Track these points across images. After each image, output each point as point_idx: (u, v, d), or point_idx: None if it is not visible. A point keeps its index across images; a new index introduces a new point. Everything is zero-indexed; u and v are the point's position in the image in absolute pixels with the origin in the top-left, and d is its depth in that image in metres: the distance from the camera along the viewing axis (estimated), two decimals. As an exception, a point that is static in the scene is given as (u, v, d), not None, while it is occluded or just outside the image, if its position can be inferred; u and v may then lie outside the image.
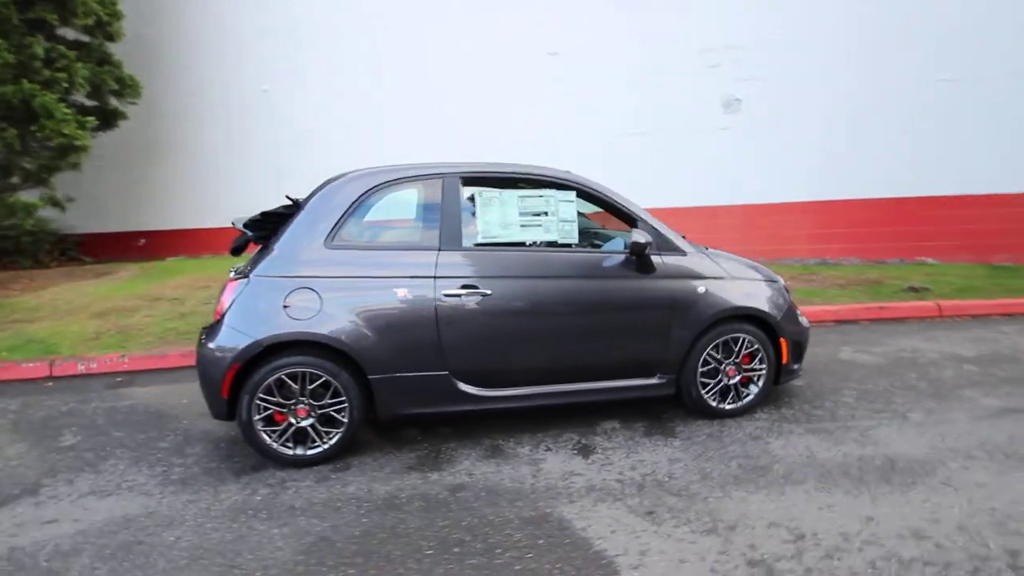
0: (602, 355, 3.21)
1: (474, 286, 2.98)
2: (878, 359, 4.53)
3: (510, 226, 3.11)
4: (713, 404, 3.38)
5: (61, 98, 6.42)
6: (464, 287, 2.97)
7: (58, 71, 6.35)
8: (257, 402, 2.83)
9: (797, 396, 3.77)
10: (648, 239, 3.08)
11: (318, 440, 2.93)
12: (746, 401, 3.44)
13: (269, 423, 2.88)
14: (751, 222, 7.81)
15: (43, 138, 6.22)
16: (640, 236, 3.06)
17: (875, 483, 2.70)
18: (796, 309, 3.64)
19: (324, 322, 2.82)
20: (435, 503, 2.61)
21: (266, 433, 2.87)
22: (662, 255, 3.26)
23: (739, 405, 3.42)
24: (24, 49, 6.38)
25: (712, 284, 3.33)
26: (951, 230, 7.49)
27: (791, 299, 3.64)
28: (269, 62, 8.66)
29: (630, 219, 3.27)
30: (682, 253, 3.33)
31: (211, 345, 2.85)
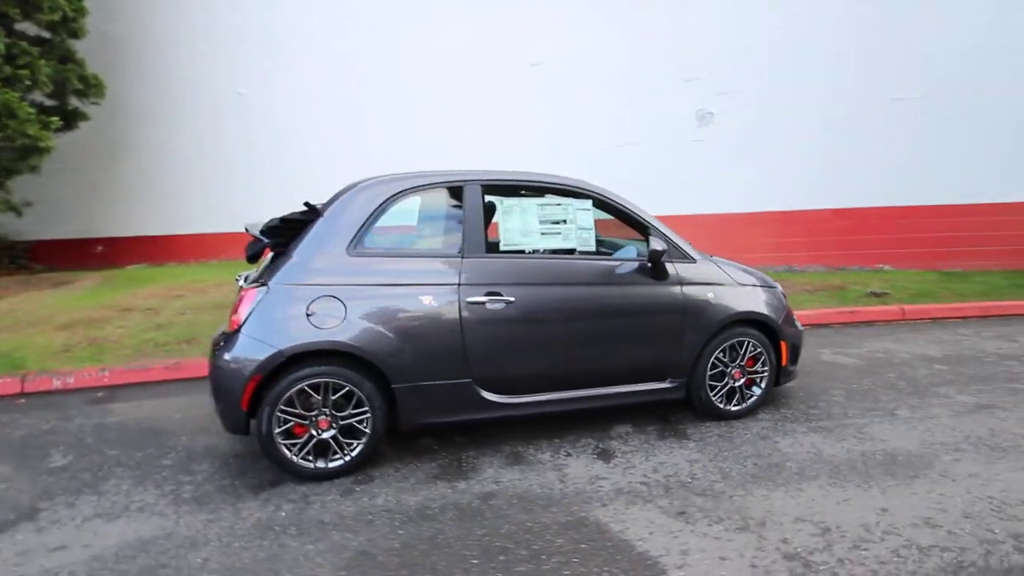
0: (619, 360, 3.28)
1: (498, 293, 2.99)
2: (856, 360, 4.80)
3: (531, 234, 3.14)
4: (720, 406, 3.51)
5: (22, 97, 6.00)
6: (488, 294, 2.98)
7: (20, 68, 5.94)
8: (278, 414, 2.74)
9: (792, 397, 3.95)
10: (665, 246, 3.18)
11: (339, 452, 2.86)
12: (750, 402, 3.58)
13: (288, 436, 2.79)
14: (723, 232, 8.11)
15: (4, 139, 5.80)
16: (657, 244, 3.16)
17: (881, 477, 2.87)
18: (792, 313, 3.83)
19: (349, 331, 2.77)
20: (469, 512, 2.59)
21: (286, 446, 2.78)
22: (674, 262, 3.36)
23: (744, 406, 3.56)
24: (-17, 45, 5.97)
25: (720, 290, 3.46)
26: (905, 239, 8.03)
27: (787, 304, 3.83)
28: (243, 63, 8.41)
29: (643, 227, 3.37)
30: (692, 260, 3.45)
31: (228, 356, 2.75)
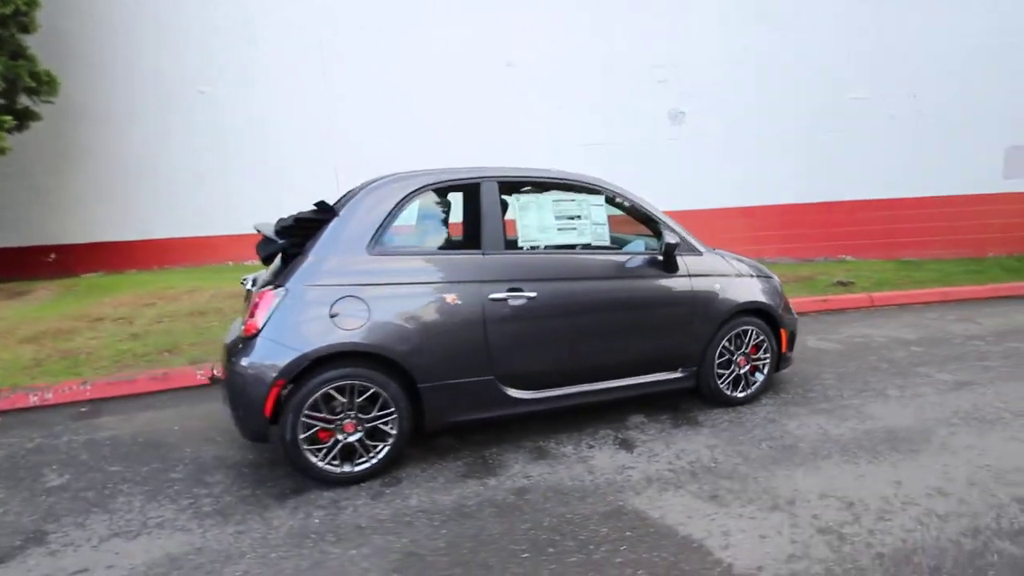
0: (635, 352, 3.34)
1: (519, 289, 3.00)
2: (839, 345, 5.05)
3: (548, 230, 3.16)
4: (728, 393, 3.62)
5: (-30, 94, 5.58)
6: (510, 290, 2.98)
7: (-34, 63, 5.52)
8: (303, 419, 2.65)
9: (788, 383, 4.12)
10: (678, 240, 3.26)
11: (364, 455, 2.80)
12: (754, 389, 3.71)
13: (312, 441, 2.71)
14: (696, 226, 8.34)
15: (-47, 139, 5.36)
16: (671, 237, 3.24)
17: (887, 452, 3.03)
18: (788, 302, 3.99)
19: (375, 331, 2.71)
20: (506, 508, 2.58)
21: (311, 452, 2.70)
22: (683, 255, 3.45)
23: (749, 393, 3.69)
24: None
25: (725, 281, 3.57)
26: (865, 230, 8.48)
27: (784, 292, 3.99)
28: (213, 57, 8.04)
29: (653, 222, 3.44)
30: (699, 253, 3.55)
31: (246, 362, 2.64)
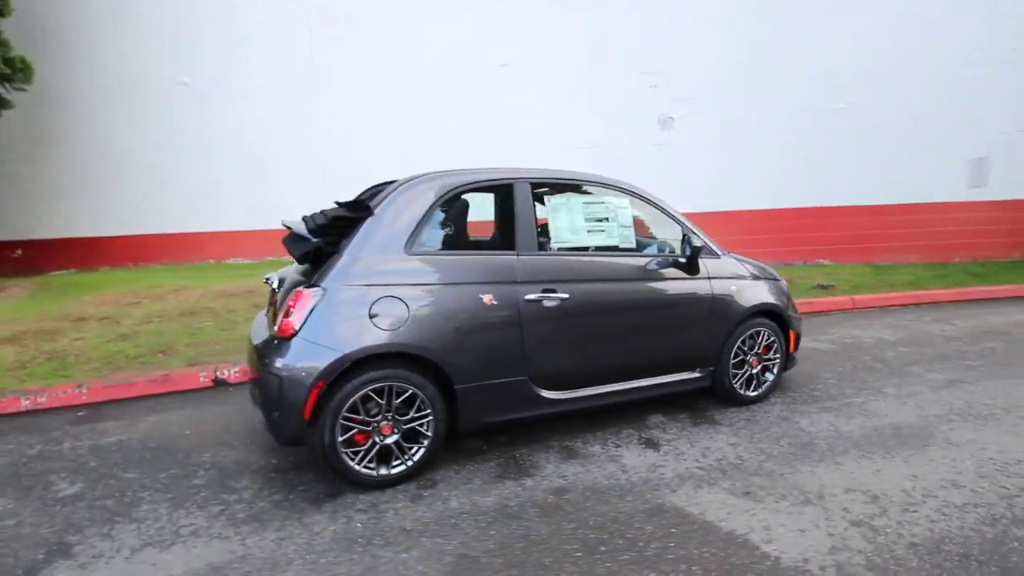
0: (660, 353, 3.41)
1: (553, 290, 3.02)
2: (832, 346, 5.26)
3: (578, 231, 3.19)
4: (741, 392, 3.73)
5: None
6: (544, 291, 2.99)
7: (-63, 47, 5.17)
8: (341, 422, 2.60)
9: (793, 382, 4.27)
10: (702, 243, 3.34)
11: (400, 457, 2.77)
12: (764, 388, 3.84)
13: (349, 444, 2.66)
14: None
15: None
16: (697, 240, 3.32)
17: (898, 448, 3.18)
18: (794, 303, 4.13)
19: (414, 331, 2.69)
20: (549, 508, 2.60)
21: (348, 455, 2.65)
22: (703, 258, 3.54)
23: (760, 392, 3.81)
24: None
25: (741, 283, 3.68)
26: (842, 236, 8.85)
27: (790, 294, 4.13)
28: (198, 47, 7.76)
29: (677, 224, 3.51)
30: (717, 256, 3.64)
31: (283, 363, 2.57)
